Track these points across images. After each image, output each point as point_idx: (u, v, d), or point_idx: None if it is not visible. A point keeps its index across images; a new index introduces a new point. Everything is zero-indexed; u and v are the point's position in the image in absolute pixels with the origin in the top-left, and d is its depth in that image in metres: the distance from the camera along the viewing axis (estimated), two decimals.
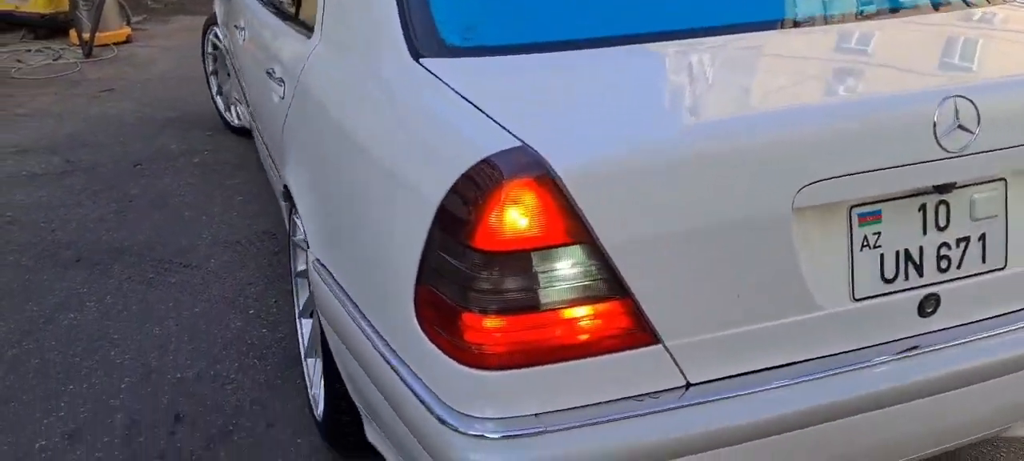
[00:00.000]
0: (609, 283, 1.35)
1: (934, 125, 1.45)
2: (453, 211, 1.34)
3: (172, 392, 2.64)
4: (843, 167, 1.42)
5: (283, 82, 2.39)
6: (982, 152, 1.50)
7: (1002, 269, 1.60)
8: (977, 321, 1.60)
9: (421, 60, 1.68)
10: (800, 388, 1.46)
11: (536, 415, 1.37)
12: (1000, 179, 1.56)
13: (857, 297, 1.51)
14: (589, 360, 1.38)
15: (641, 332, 1.39)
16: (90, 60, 7.33)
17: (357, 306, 1.68)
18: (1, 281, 3.40)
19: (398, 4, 1.76)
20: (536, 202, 1.29)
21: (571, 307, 1.35)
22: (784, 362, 1.48)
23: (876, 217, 1.51)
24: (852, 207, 1.48)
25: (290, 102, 2.27)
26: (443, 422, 1.37)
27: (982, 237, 1.57)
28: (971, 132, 1.47)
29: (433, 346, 1.40)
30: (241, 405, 2.56)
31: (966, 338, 1.57)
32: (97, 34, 7.46)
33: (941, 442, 1.65)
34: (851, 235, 1.49)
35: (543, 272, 1.33)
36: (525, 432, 1.35)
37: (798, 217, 1.43)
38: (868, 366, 1.50)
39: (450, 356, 1.37)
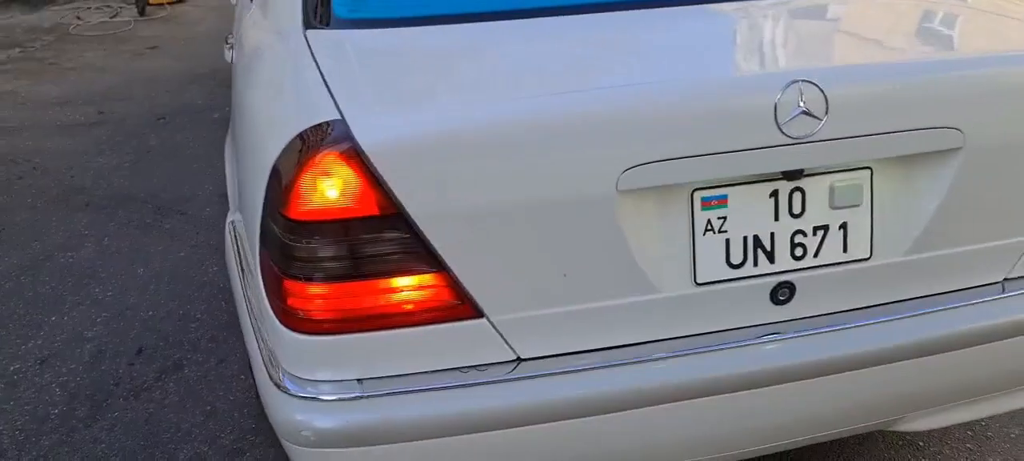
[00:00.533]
0: (423, 256, 1.37)
1: (775, 110, 1.39)
2: (275, 180, 1.38)
3: (141, 327, 2.85)
4: (677, 150, 1.39)
5: (232, 47, 2.52)
6: (835, 139, 1.43)
7: (867, 259, 1.53)
8: (840, 312, 1.55)
9: (308, 30, 1.72)
10: (637, 368, 1.46)
11: (359, 380, 1.42)
12: (865, 167, 1.50)
13: (699, 281, 1.48)
14: (411, 330, 1.41)
15: (462, 305, 1.41)
16: (143, 18, 7.68)
17: (240, 269, 1.81)
18: (15, 221, 3.68)
19: None
20: (345, 174, 1.32)
21: (387, 278, 1.38)
22: (622, 342, 1.47)
23: (722, 201, 1.47)
24: (695, 190, 1.45)
25: (231, 65, 2.41)
26: (277, 385, 1.45)
27: (843, 226, 1.51)
28: (818, 118, 1.41)
29: (271, 310, 1.47)
30: (198, 342, 2.75)
31: (827, 328, 1.52)
32: None
33: (810, 432, 1.62)
34: (693, 218, 1.46)
35: (356, 243, 1.36)
36: (347, 396, 1.40)
37: (626, 198, 1.40)
38: (714, 350, 1.49)
39: (280, 321, 1.43)
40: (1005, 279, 1.63)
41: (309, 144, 1.35)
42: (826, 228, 1.51)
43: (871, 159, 1.49)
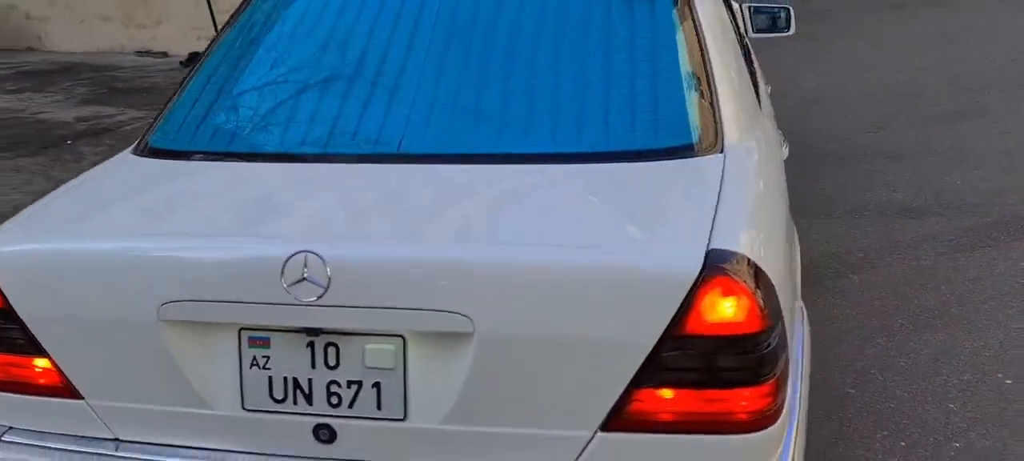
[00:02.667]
0: (31, 344, 1.73)
1: (282, 273, 1.54)
2: None
3: None
4: (210, 293, 1.60)
5: None
6: (344, 306, 1.54)
7: (402, 420, 1.60)
8: None
9: (131, 153, 2.17)
10: None
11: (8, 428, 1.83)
12: (398, 335, 1.57)
13: (247, 407, 1.65)
14: (36, 399, 1.78)
15: (66, 388, 1.75)
16: None
17: None
18: None
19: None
20: None
21: (15, 354, 1.77)
22: (187, 444, 1.72)
23: (264, 342, 1.62)
24: (242, 328, 1.62)
25: None
26: None
27: (376, 385, 1.59)
28: (321, 286, 1.53)
29: None
30: None
31: None
32: None
33: None
34: (240, 353, 1.63)
35: None
36: None
37: (173, 326, 1.63)
38: None
39: None
40: None
41: None
42: (360, 384, 1.60)
43: (405, 329, 1.56)
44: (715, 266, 1.48)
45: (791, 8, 4.24)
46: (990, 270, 3.73)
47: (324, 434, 1.65)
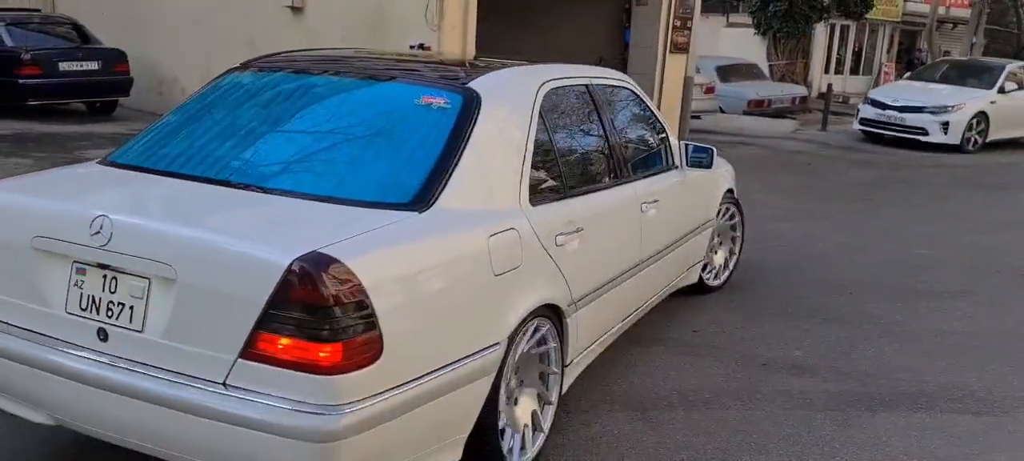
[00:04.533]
0: None
1: (90, 227, 2.46)
2: None
3: None
4: (49, 233, 2.55)
5: None
6: (129, 253, 2.42)
7: (140, 332, 2.43)
8: (137, 361, 2.42)
9: (97, 163, 3.15)
10: (20, 342, 2.58)
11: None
12: (144, 277, 2.43)
13: (67, 311, 2.53)
14: None
15: None
16: None
17: None
18: None
19: None
20: None
21: None
22: (30, 328, 2.58)
23: (83, 271, 2.52)
24: (74, 261, 2.52)
25: None
26: None
27: (132, 307, 2.45)
28: (105, 238, 2.44)
29: None
30: None
31: (128, 368, 2.42)
32: None
33: (120, 434, 2.52)
34: (71, 275, 2.52)
35: None
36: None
37: (40, 254, 2.56)
38: (57, 350, 2.52)
39: None
40: (223, 382, 2.33)
41: None
42: (123, 305, 2.46)
43: (151, 274, 2.41)
44: (304, 266, 2.25)
45: (714, 149, 4.67)
46: (823, 437, 3.60)
47: (102, 335, 2.50)
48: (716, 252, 5.43)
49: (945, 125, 13.64)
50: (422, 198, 2.71)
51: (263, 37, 11.81)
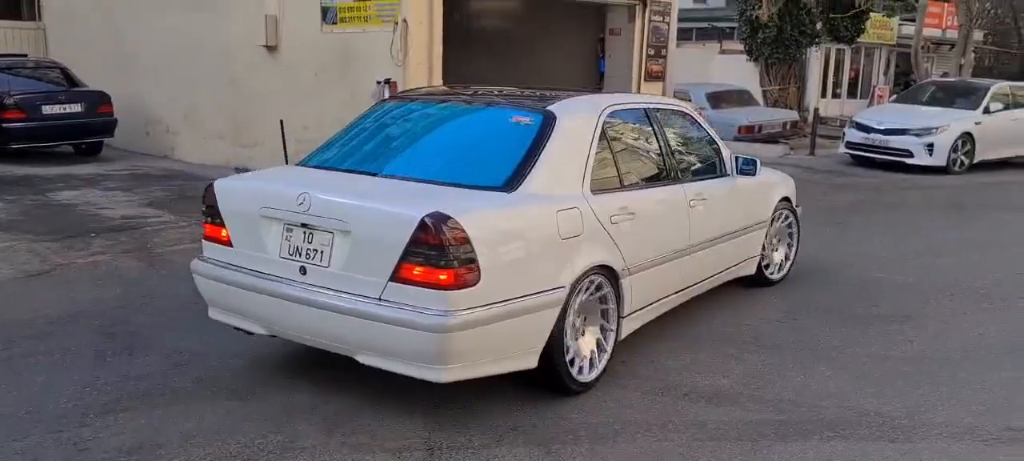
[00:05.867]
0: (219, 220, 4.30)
1: (296, 200, 3.84)
2: None
3: None
4: (271, 205, 3.98)
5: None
6: (323, 220, 3.79)
7: (327, 267, 3.79)
8: (325, 287, 3.78)
9: (296, 165, 4.62)
10: (249, 277, 4.06)
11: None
12: (329, 231, 3.79)
13: (280, 256, 3.92)
14: (211, 243, 4.32)
15: (227, 239, 4.23)
16: None
17: None
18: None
19: None
20: None
21: (210, 226, 4.33)
22: (257, 269, 4.03)
23: (290, 229, 3.92)
24: (285, 223, 3.92)
25: None
26: None
27: (321, 252, 3.81)
28: (306, 207, 3.82)
29: None
30: None
31: (319, 291, 3.78)
32: None
33: (314, 339, 3.96)
34: (283, 232, 3.93)
35: None
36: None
37: (264, 219, 3.98)
38: (274, 282, 3.93)
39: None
40: (379, 297, 3.65)
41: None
42: (317, 250, 3.83)
43: (335, 229, 3.77)
44: (430, 219, 3.51)
45: (758, 160, 5.76)
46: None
47: (303, 271, 3.87)
48: (776, 250, 6.38)
49: (930, 147, 13.56)
50: (510, 183, 3.97)
51: (243, 75, 11.96)
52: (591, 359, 4.25)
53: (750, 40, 20.89)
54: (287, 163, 10.28)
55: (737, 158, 5.65)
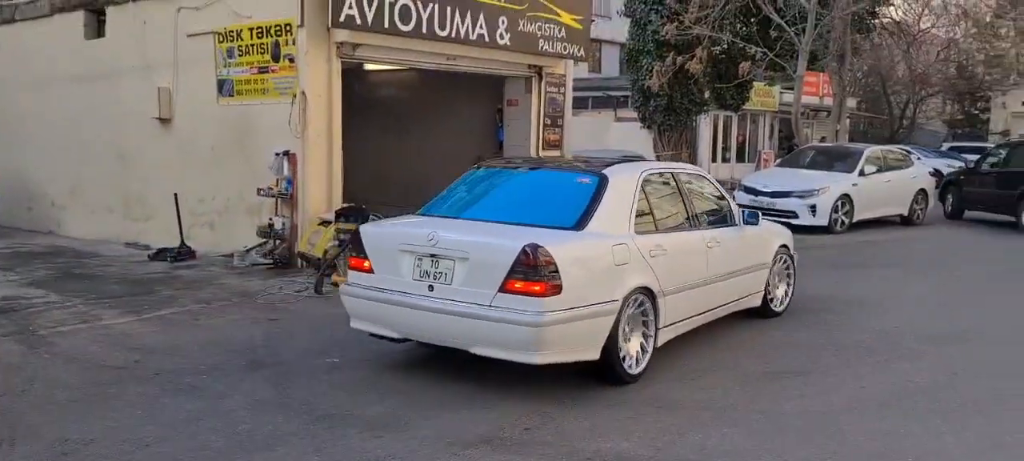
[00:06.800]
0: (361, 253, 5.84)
1: (427, 238, 5.39)
2: None
3: None
4: (410, 241, 5.51)
5: None
6: (448, 251, 5.29)
7: (450, 284, 5.25)
8: (448, 298, 5.24)
9: (417, 213, 6.29)
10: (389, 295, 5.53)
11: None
12: (452, 259, 5.27)
13: (412, 278, 5.41)
14: (356, 271, 5.84)
15: (369, 268, 5.71)
16: (316, 295, 8.32)
17: None
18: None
19: None
20: None
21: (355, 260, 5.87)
22: (395, 288, 5.51)
23: (421, 259, 5.40)
24: (417, 254, 5.42)
25: None
26: None
27: (445, 274, 5.29)
28: (435, 242, 5.33)
29: None
30: None
31: (444, 301, 5.24)
32: (341, 276, 7.85)
33: (437, 337, 5.48)
34: (415, 261, 5.41)
35: None
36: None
37: (401, 253, 5.49)
38: (408, 297, 5.42)
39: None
40: (490, 304, 5.09)
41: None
42: (443, 273, 5.31)
43: (457, 257, 5.27)
44: (528, 248, 5.00)
45: (760, 213, 7.47)
46: None
47: (431, 288, 5.30)
48: (778, 287, 7.73)
49: (813, 208, 14.29)
50: (579, 225, 5.54)
51: (134, 148, 11.64)
52: (636, 357, 5.65)
53: (643, 108, 21.70)
54: (182, 236, 10.09)
55: (744, 211, 7.15)
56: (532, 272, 4.92)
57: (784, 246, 7.74)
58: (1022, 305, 8.81)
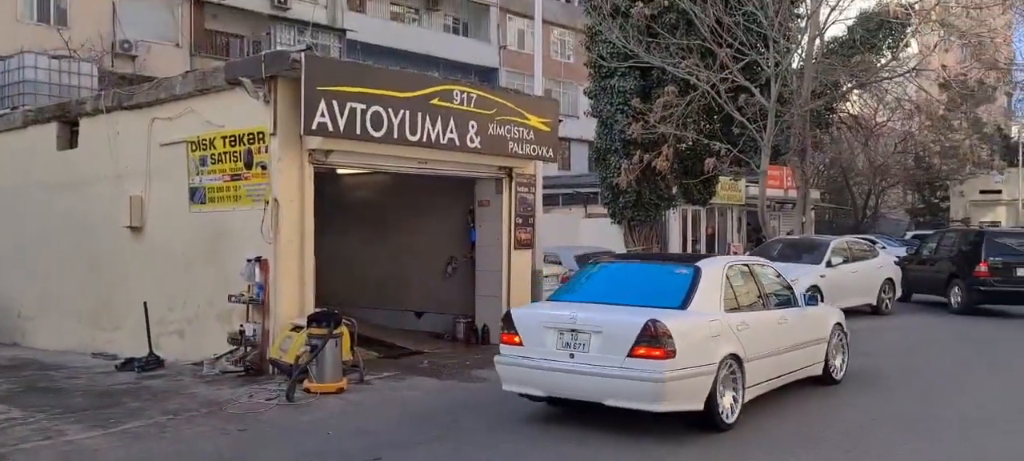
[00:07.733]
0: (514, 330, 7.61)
1: (569, 317, 7.17)
2: None
3: None
4: (554, 322, 7.26)
5: None
6: (585, 327, 7.04)
7: (587, 352, 6.99)
8: (586, 363, 6.94)
9: (550, 298, 9.10)
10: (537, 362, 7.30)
11: None
12: (589, 333, 7.02)
13: (556, 349, 7.17)
14: (505, 343, 7.64)
15: (520, 341, 7.50)
16: (288, 403, 8.14)
17: None
18: None
19: None
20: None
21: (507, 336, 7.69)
22: (546, 356, 7.25)
23: (562, 333, 7.14)
24: (559, 329, 7.17)
25: None
26: None
27: (583, 344, 7.04)
28: (575, 319, 7.13)
29: None
30: None
31: (583, 365, 6.96)
32: (314, 382, 8.48)
33: (577, 394, 7.15)
34: (558, 335, 7.16)
35: None
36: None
37: (546, 329, 7.29)
38: (552, 362, 7.17)
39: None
40: (620, 366, 6.80)
41: None
42: (582, 342, 7.06)
43: (591, 331, 7.02)
44: (651, 322, 6.76)
45: (818, 297, 10.80)
46: None
47: (572, 355, 7.10)
48: (835, 358, 9.19)
49: None
50: (683, 304, 7.23)
51: (105, 256, 11.57)
52: (731, 408, 7.15)
53: (612, 204, 22.04)
54: (150, 345, 9.94)
55: (805, 294, 9.11)
56: (654, 341, 6.58)
57: (839, 324, 9.29)
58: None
